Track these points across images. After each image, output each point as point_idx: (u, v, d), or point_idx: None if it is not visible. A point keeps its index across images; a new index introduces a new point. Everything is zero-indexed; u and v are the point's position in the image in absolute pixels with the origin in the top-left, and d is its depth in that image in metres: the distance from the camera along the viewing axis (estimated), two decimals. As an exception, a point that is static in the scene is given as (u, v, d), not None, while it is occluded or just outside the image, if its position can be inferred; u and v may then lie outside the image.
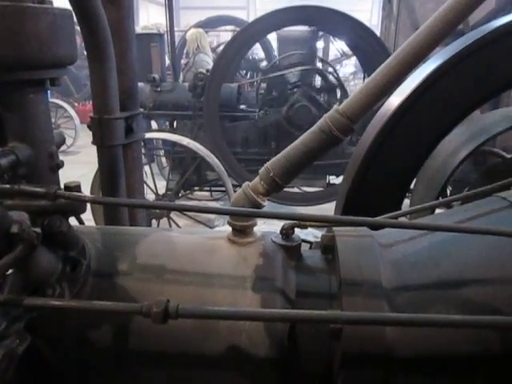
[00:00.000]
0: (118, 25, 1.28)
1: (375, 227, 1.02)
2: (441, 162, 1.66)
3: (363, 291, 0.87)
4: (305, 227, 1.00)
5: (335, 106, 0.90)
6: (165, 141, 5.05)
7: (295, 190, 5.31)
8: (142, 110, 1.39)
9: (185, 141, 4.20)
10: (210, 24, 9.96)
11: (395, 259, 0.93)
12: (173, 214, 4.58)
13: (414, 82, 1.38)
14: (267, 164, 0.96)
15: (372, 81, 0.87)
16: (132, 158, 1.37)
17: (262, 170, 0.96)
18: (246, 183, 0.98)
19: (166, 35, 5.24)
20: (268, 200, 1.03)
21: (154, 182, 4.57)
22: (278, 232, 1.02)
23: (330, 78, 5.62)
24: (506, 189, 1.07)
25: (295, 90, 5.22)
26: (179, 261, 0.96)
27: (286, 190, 5.28)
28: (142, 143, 4.47)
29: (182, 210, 0.89)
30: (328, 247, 0.99)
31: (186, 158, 4.66)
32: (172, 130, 5.15)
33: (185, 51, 9.47)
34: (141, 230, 1.12)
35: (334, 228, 1.02)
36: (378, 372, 0.86)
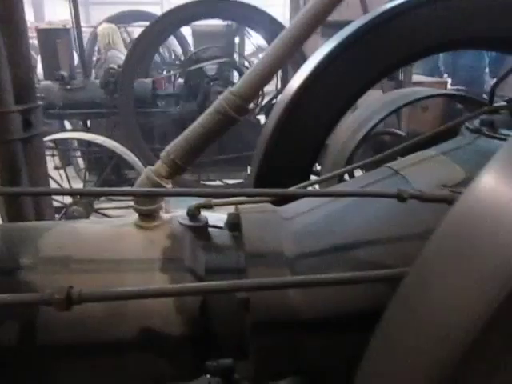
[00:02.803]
0: (7, 15, 1.22)
1: (287, 199, 1.09)
2: (342, 143, 1.76)
3: (266, 261, 0.92)
4: (210, 207, 1.03)
5: (229, 88, 0.94)
6: (81, 141, 4.86)
7: (218, 182, 5.34)
8: (40, 102, 1.34)
9: (100, 139, 4.06)
10: (121, 19, 9.61)
11: (296, 230, 0.99)
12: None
13: (310, 64, 1.46)
14: (167, 147, 0.97)
15: (261, 63, 0.92)
16: (34, 154, 1.31)
17: (163, 154, 0.98)
18: (149, 167, 0.99)
19: (72, 30, 5.02)
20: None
21: (70, 185, 4.38)
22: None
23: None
24: (393, 159, 1.18)
25: (212, 83, 5.23)
26: (86, 250, 0.95)
27: (208, 183, 5.29)
28: (54, 144, 4.27)
29: (91, 194, 0.88)
30: (234, 225, 1.03)
31: (103, 158, 4.51)
32: (86, 130, 4.95)
33: (96, 48, 9.10)
34: (44, 223, 1.09)
35: (240, 206, 1.06)
36: (287, 337, 0.91)
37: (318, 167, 2.01)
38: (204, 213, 1.02)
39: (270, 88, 5.84)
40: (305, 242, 0.97)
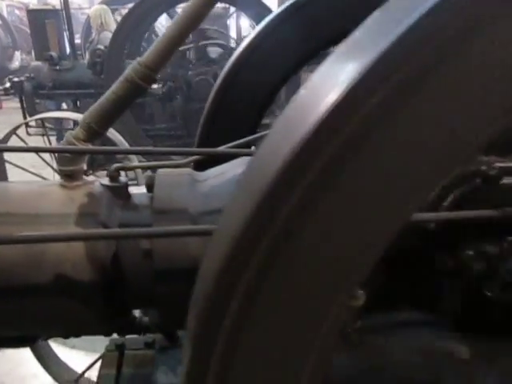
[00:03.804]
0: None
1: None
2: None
3: (171, 218, 1.02)
4: (129, 169, 1.13)
5: (138, 58, 1.02)
6: (76, 122, 4.94)
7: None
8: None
9: (85, 118, 4.14)
10: (117, 1, 9.62)
11: (204, 191, 1.09)
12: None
13: (260, 25, 1.52)
14: (85, 112, 1.06)
15: (167, 34, 1.00)
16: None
17: (81, 119, 1.07)
18: (69, 132, 1.09)
19: (61, 11, 5.07)
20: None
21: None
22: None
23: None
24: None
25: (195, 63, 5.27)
26: (10, 206, 1.05)
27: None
28: (41, 123, 4.36)
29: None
30: (150, 186, 1.12)
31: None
32: (76, 110, 5.04)
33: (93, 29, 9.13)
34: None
35: (159, 170, 1.15)
36: (187, 284, 1.01)
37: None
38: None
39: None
40: (210, 202, 1.06)
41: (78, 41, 8.64)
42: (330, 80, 0.49)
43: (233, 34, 9.33)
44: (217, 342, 0.52)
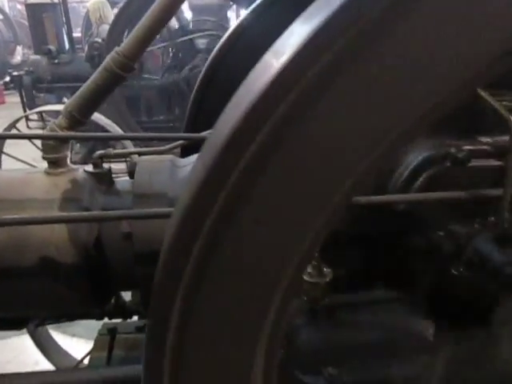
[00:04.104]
0: None
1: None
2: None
3: (150, 202, 1.05)
4: (111, 157, 1.16)
5: (116, 47, 1.05)
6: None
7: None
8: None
9: (84, 111, 4.17)
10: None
11: (184, 176, 1.12)
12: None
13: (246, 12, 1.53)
14: (67, 102, 1.10)
15: (143, 23, 1.03)
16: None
17: (63, 108, 1.10)
18: (53, 121, 1.12)
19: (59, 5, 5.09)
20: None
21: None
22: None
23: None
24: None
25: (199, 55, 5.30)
26: None
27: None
28: (41, 116, 4.41)
29: None
30: (132, 172, 1.16)
31: (91, 130, 4.64)
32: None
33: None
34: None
35: (141, 157, 1.19)
36: None
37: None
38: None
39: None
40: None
41: (78, 34, 8.65)
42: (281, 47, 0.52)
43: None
44: (174, 302, 0.56)
